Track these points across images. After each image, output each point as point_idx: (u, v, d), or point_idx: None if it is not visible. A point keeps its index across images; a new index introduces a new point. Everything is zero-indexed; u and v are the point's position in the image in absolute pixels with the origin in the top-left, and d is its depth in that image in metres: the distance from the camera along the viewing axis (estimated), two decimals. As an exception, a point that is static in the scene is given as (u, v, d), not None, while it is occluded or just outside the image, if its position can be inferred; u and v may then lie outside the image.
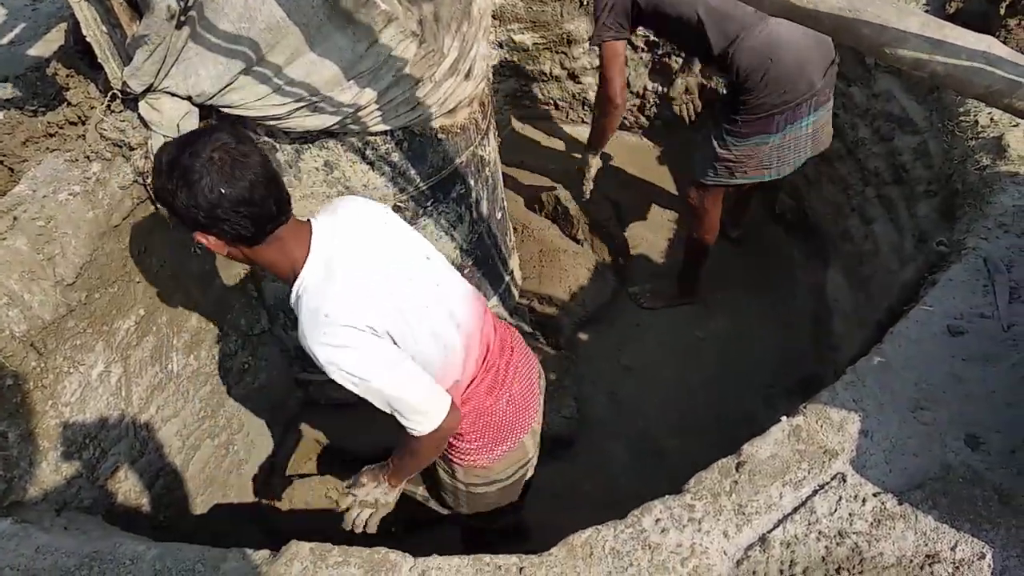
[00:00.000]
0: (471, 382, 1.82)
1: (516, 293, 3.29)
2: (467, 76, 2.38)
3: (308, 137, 2.16)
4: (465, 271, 2.77)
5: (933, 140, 2.69)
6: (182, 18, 1.84)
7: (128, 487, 2.24)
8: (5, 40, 3.23)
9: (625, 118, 4.32)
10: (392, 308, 1.59)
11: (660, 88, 4.09)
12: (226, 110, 2.01)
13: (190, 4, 1.81)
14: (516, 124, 4.54)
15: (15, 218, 1.92)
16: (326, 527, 2.02)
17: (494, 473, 1.97)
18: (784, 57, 2.62)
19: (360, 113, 2.11)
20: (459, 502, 2.07)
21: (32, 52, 3.11)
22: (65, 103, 2.15)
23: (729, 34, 2.65)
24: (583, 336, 3.54)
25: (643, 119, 4.27)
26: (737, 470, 1.74)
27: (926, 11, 2.87)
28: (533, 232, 3.75)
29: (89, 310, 1.99)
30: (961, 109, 2.58)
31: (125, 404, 2.16)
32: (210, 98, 1.97)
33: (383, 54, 2.04)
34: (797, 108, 2.74)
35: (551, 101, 4.40)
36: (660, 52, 3.96)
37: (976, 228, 2.13)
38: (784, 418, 1.80)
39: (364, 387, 1.54)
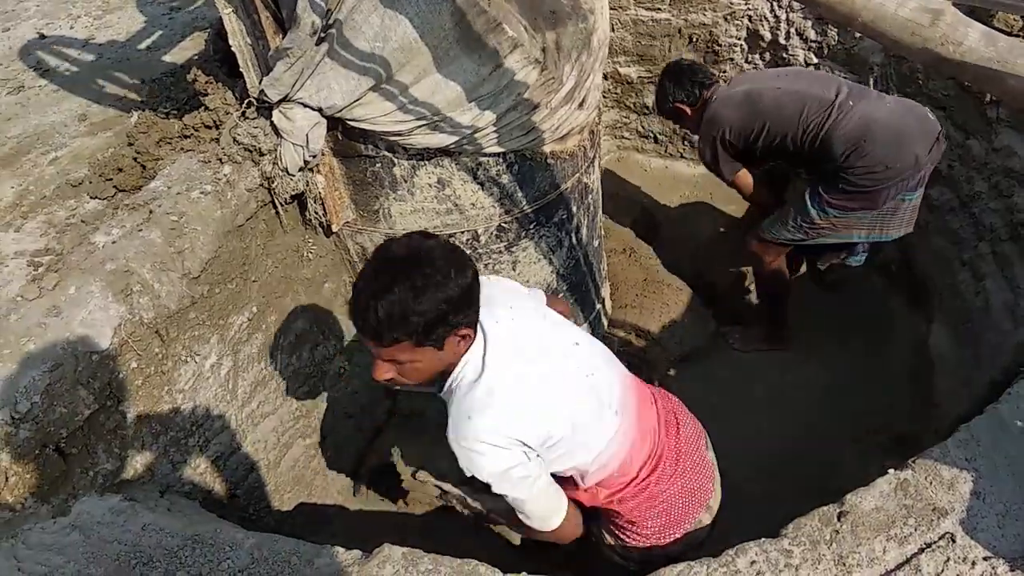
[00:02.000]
0: (639, 470, 1.77)
1: (606, 322, 3.29)
2: (581, 105, 2.42)
3: (425, 154, 2.23)
4: (559, 295, 2.79)
5: (1056, 199, 2.59)
6: (322, 34, 1.93)
7: (225, 477, 2.32)
8: (142, 46, 3.44)
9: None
10: (544, 414, 1.58)
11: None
12: (352, 123, 2.09)
13: (331, 21, 1.91)
14: (615, 154, 4.57)
15: (151, 211, 2.04)
16: (405, 533, 2.06)
17: (668, 550, 1.89)
18: (879, 134, 2.68)
19: (477, 134, 2.17)
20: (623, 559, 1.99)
21: (167, 58, 3.31)
22: (202, 107, 2.28)
23: (815, 127, 2.78)
24: (673, 372, 3.51)
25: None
26: (839, 519, 1.69)
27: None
28: (640, 259, 3.75)
29: (209, 304, 2.09)
30: (1090, 169, 2.49)
31: (231, 397, 2.25)
32: (339, 111, 2.06)
33: (505, 78, 2.10)
34: (902, 183, 2.77)
35: (650, 134, 4.40)
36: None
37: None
38: (892, 471, 1.74)
39: (493, 486, 1.55)
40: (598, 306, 3.12)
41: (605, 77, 4.20)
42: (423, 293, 1.37)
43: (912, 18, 1.29)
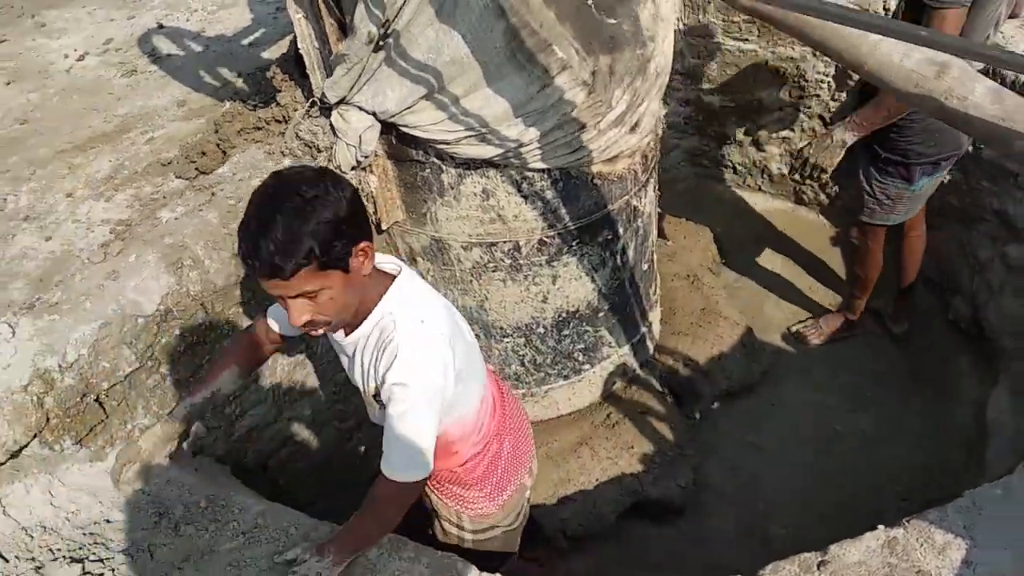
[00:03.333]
0: (487, 412, 1.92)
1: (651, 347, 3.29)
2: (633, 129, 2.46)
3: (472, 164, 2.32)
4: (600, 315, 2.83)
5: None
6: (380, 43, 2.06)
7: (258, 448, 2.48)
8: (246, 41, 3.70)
9: (804, 193, 4.22)
10: (466, 345, 1.74)
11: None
12: (404, 129, 2.21)
13: (388, 32, 2.02)
14: (691, 181, 4.55)
15: (213, 194, 2.22)
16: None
17: (498, 519, 2.02)
18: None
19: (522, 149, 2.25)
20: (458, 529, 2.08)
21: (265, 55, 3.55)
22: (275, 103, 2.45)
23: None
24: (716, 405, 3.48)
25: (823, 196, 4.15)
26: (818, 568, 1.67)
27: None
28: (703, 288, 3.74)
29: (254, 284, 2.24)
30: None
31: (270, 372, 2.41)
32: (392, 116, 2.18)
33: (553, 97, 2.17)
34: (936, 165, 2.91)
35: (730, 164, 4.37)
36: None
37: None
38: (881, 527, 1.71)
39: (401, 394, 1.57)
40: (643, 330, 3.13)
41: (687, 103, 4.20)
42: (307, 214, 1.37)
43: (916, 69, 1.28)
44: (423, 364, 1.59)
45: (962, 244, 3.39)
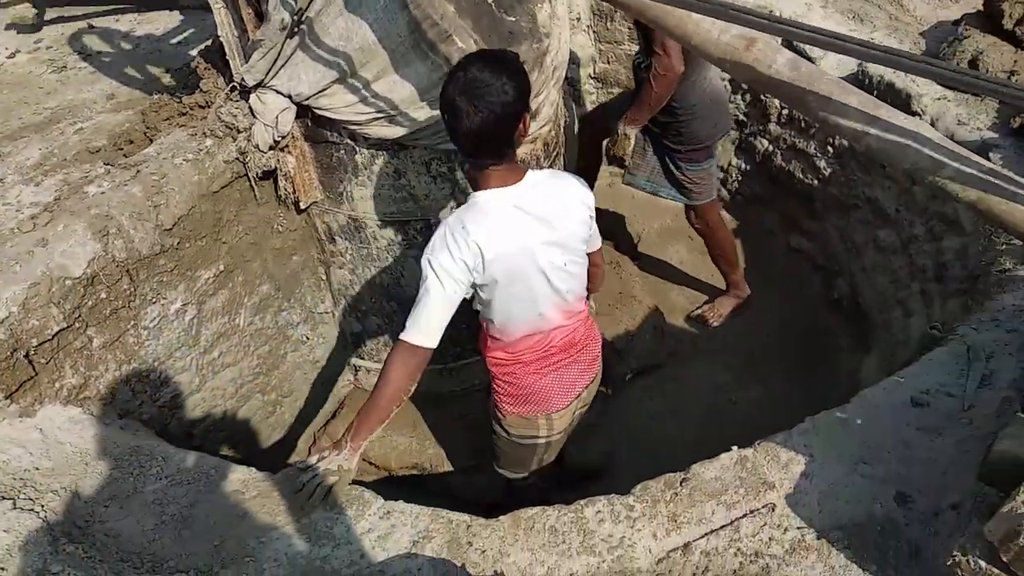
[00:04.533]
0: (527, 348, 2.15)
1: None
2: (532, 117, 2.70)
3: (383, 145, 2.53)
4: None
5: (973, 243, 2.78)
6: (294, 30, 2.26)
7: (182, 415, 2.62)
8: (174, 40, 3.85)
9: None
10: (513, 255, 1.93)
11: (743, 165, 4.28)
12: (317, 111, 2.41)
13: (302, 20, 2.23)
14: (607, 179, 4.83)
15: (138, 171, 2.38)
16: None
17: (507, 424, 2.33)
18: (718, 96, 3.34)
19: (428, 130, 2.46)
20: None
21: (193, 52, 3.70)
22: (198, 89, 2.63)
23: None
24: (628, 377, 3.73)
25: (724, 192, 4.47)
26: (681, 484, 1.91)
27: (994, 124, 2.99)
28: (622, 273, 4.02)
29: (178, 255, 2.41)
30: (1001, 215, 2.67)
31: (193, 342, 2.56)
32: (306, 99, 2.38)
33: (454, 84, 2.39)
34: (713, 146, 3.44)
35: (640, 164, 4.66)
36: (747, 131, 4.16)
37: (972, 320, 2.23)
38: (735, 447, 1.96)
39: (424, 262, 1.90)
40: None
41: (600, 106, 4.49)
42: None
43: (731, 43, 1.55)
44: (435, 244, 1.90)
45: (841, 230, 3.72)
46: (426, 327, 1.90)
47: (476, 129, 1.76)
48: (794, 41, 1.98)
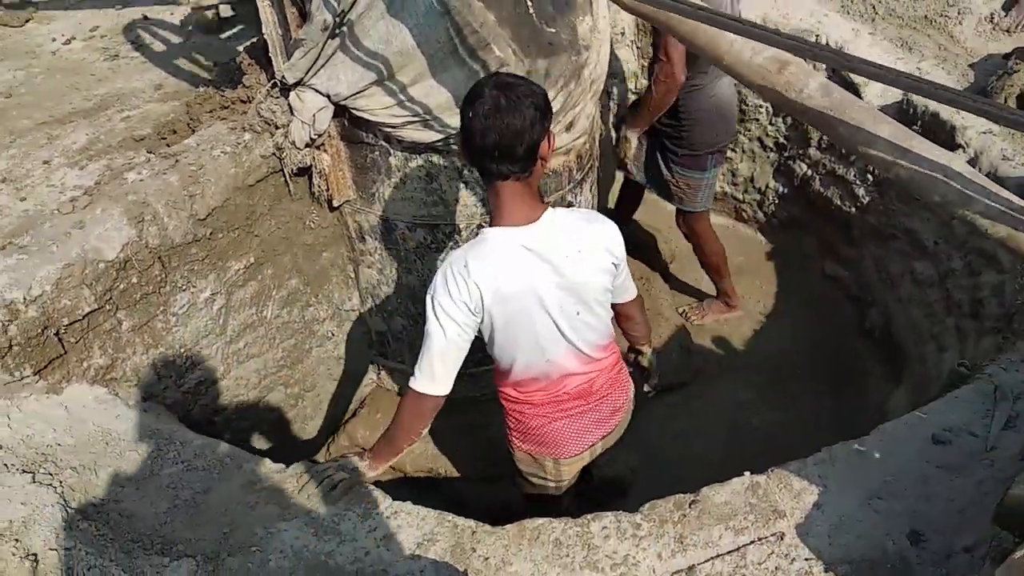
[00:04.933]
0: (537, 390, 2.06)
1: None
2: (568, 128, 2.71)
3: (417, 148, 2.56)
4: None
5: (1011, 280, 2.72)
6: (336, 31, 2.29)
7: (205, 402, 2.67)
8: (224, 35, 3.93)
9: (744, 211, 4.50)
10: (515, 299, 1.83)
11: (782, 188, 4.24)
12: (354, 111, 2.44)
13: (343, 21, 2.27)
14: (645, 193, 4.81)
15: (176, 160, 2.44)
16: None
17: (516, 458, 2.27)
18: (725, 109, 3.34)
19: (462, 136, 2.49)
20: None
21: (241, 48, 3.76)
22: (241, 84, 2.68)
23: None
24: (650, 395, 3.71)
25: (760, 214, 4.42)
26: (690, 506, 1.90)
27: None
28: (651, 290, 4.03)
29: (210, 245, 2.46)
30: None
31: (220, 331, 2.60)
32: (344, 99, 2.41)
33: (490, 91, 2.41)
34: (722, 153, 3.46)
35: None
36: (786, 154, 4.12)
37: (1001, 359, 2.18)
38: (747, 473, 1.94)
39: (427, 300, 1.83)
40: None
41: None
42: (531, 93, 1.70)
43: (764, 65, 1.54)
44: (437, 283, 1.81)
45: (877, 260, 3.66)
46: (431, 373, 1.84)
47: (504, 124, 1.65)
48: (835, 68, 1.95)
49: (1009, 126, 1.41)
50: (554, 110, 2.57)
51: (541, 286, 1.84)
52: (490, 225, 1.85)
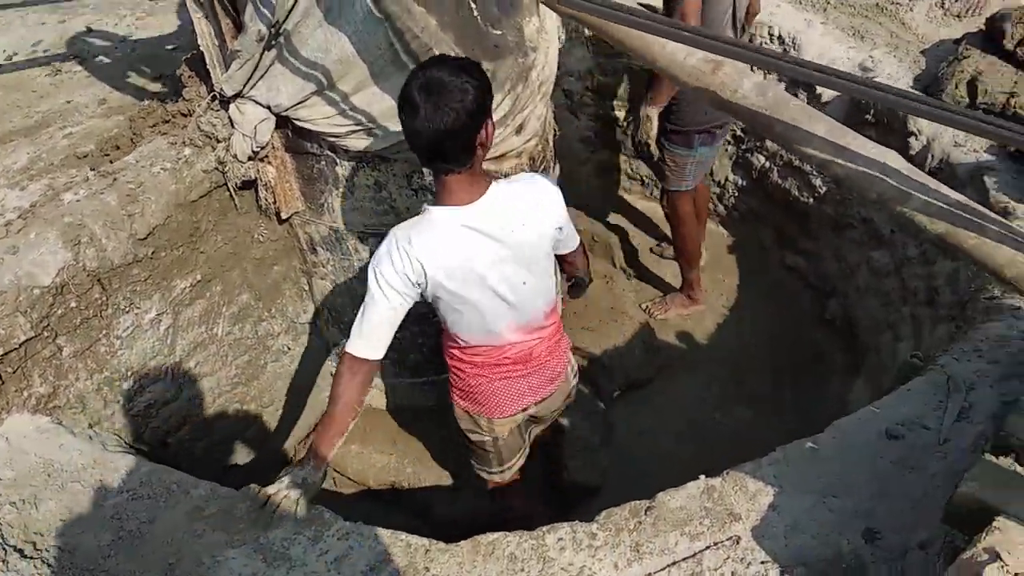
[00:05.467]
0: (480, 353, 2.15)
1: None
2: (518, 131, 2.67)
3: (364, 157, 2.50)
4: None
5: (964, 269, 2.72)
6: (272, 41, 2.24)
7: (157, 424, 2.60)
8: (170, 46, 3.85)
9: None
10: (457, 274, 1.89)
11: (740, 181, 4.24)
12: (296, 122, 2.39)
13: (280, 31, 2.21)
14: (604, 191, 4.80)
15: (115, 179, 2.37)
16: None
17: (456, 415, 2.36)
18: None
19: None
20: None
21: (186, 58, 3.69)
22: (181, 97, 2.61)
23: None
24: (616, 394, 3.70)
25: (721, 207, 4.42)
26: (646, 513, 1.87)
27: (990, 147, 2.94)
28: (614, 288, 4.02)
29: (153, 264, 2.39)
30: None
31: (168, 351, 2.54)
32: (285, 110, 2.36)
33: (434, 97, 2.36)
34: (711, 134, 3.36)
35: (638, 176, 4.63)
36: (744, 147, 4.12)
37: (954, 349, 2.18)
38: (703, 477, 1.92)
39: (369, 270, 1.89)
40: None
41: (596, 119, 4.46)
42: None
43: (697, 66, 1.51)
44: (380, 254, 1.87)
45: (835, 250, 3.67)
46: (369, 338, 1.90)
47: (432, 130, 1.70)
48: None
49: (952, 126, 1.39)
50: (503, 114, 2.56)
51: (483, 263, 1.91)
52: (432, 204, 1.90)
